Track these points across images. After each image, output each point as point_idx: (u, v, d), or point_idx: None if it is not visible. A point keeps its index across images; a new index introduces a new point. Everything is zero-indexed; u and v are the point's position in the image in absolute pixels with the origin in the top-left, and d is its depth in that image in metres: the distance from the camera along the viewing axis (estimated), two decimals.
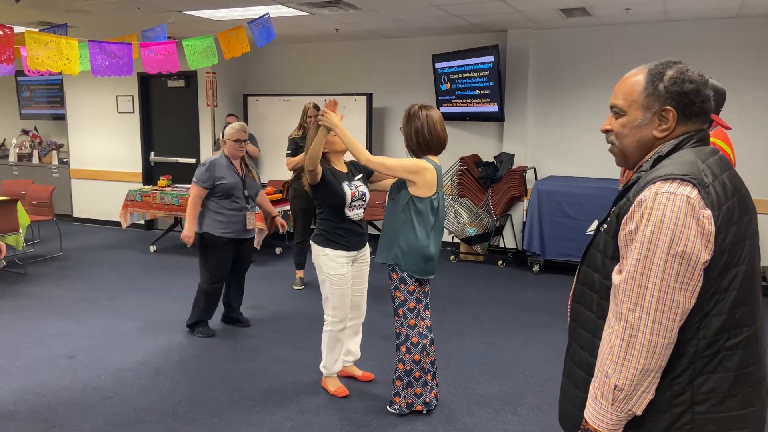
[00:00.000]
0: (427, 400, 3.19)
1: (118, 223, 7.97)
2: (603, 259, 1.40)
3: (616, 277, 1.33)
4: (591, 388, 1.36)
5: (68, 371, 3.70)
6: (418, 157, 3.08)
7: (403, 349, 3.13)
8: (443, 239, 7.21)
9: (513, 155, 6.48)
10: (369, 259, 3.47)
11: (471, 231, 6.43)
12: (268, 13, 4.29)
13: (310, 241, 3.37)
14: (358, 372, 3.63)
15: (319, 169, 3.17)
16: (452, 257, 6.68)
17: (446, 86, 6.76)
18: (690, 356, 1.28)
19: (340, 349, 3.42)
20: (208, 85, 7.28)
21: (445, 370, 3.76)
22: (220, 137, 4.32)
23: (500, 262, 6.46)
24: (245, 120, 7.77)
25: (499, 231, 6.65)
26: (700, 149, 1.35)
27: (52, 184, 7.48)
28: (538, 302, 5.18)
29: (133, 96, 8.03)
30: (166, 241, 7.24)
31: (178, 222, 7.20)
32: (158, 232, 7.64)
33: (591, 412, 1.34)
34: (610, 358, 1.30)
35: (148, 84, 8.01)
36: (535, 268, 6.14)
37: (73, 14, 5.65)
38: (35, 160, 8.93)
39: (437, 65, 6.75)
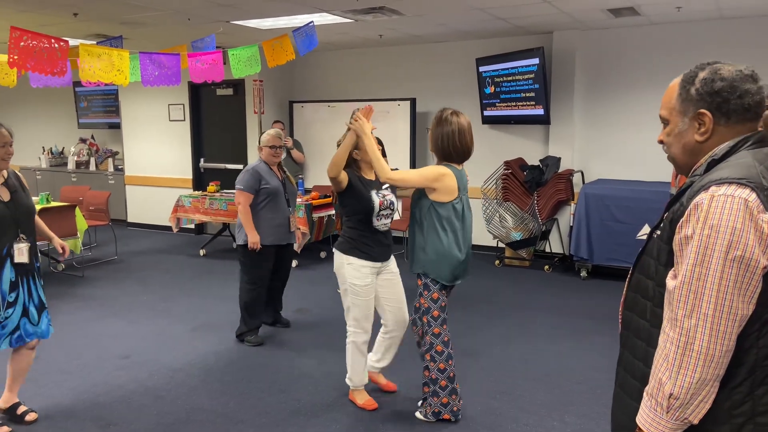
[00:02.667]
0: (455, 409, 3.13)
1: (169, 228, 8.23)
2: (657, 266, 1.36)
3: (670, 282, 1.29)
4: (644, 394, 1.32)
5: (123, 371, 3.84)
6: (440, 162, 3.03)
7: (428, 357, 3.08)
8: (488, 244, 7.16)
9: (559, 158, 6.37)
10: (397, 270, 3.35)
11: (516, 235, 6.35)
12: (312, 21, 4.36)
13: (333, 249, 3.28)
14: (382, 381, 3.52)
15: (343, 176, 3.09)
16: (497, 262, 6.61)
17: (490, 90, 6.71)
18: (750, 366, 1.24)
19: (365, 361, 3.32)
20: (255, 93, 7.44)
21: (489, 376, 3.73)
22: (258, 144, 4.40)
23: (546, 267, 6.35)
24: (291, 126, 7.91)
25: (545, 236, 6.54)
26: (757, 151, 1.30)
27: (107, 191, 7.80)
28: (585, 308, 5.07)
29: (184, 104, 8.29)
30: (214, 246, 7.43)
31: (226, 227, 7.37)
32: (207, 237, 7.85)
33: (645, 419, 1.31)
34: (665, 365, 1.26)
35: (198, 93, 8.26)
36: (583, 273, 6.01)
37: (128, 26, 5.88)
38: (92, 167, 9.32)
39: (481, 68, 6.71)
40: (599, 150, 6.51)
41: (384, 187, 3.25)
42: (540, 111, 6.33)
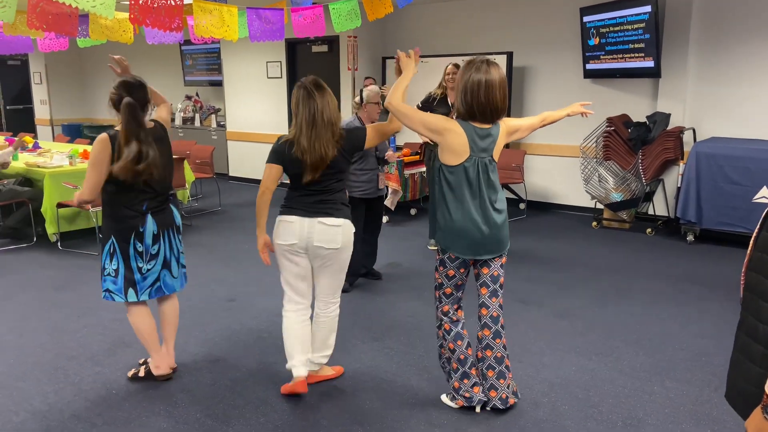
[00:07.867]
0: (467, 395, 2.78)
1: None
2: None
3: None
4: None
5: (229, 312, 4.11)
6: (464, 119, 2.63)
7: (440, 334, 2.86)
8: (585, 205, 6.90)
9: (669, 115, 5.96)
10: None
11: (616, 196, 6.07)
12: None
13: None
14: (328, 372, 3.19)
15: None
16: (594, 224, 6.37)
17: (594, 41, 6.34)
18: None
19: (298, 342, 2.98)
20: (350, 50, 7.48)
21: (583, 337, 3.65)
22: (355, 101, 4.45)
23: (649, 230, 6.05)
24: (383, 82, 7.91)
25: (648, 197, 6.21)
26: None
27: (211, 145, 8.21)
28: (691, 274, 4.80)
29: (281, 62, 8.49)
30: None
31: None
32: None
33: None
34: None
35: (294, 50, 8.42)
36: (690, 237, 5.68)
37: None
38: (197, 123, 9.82)
39: (585, 19, 6.34)
40: (714, 106, 6.02)
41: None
42: (650, 63, 5.92)
